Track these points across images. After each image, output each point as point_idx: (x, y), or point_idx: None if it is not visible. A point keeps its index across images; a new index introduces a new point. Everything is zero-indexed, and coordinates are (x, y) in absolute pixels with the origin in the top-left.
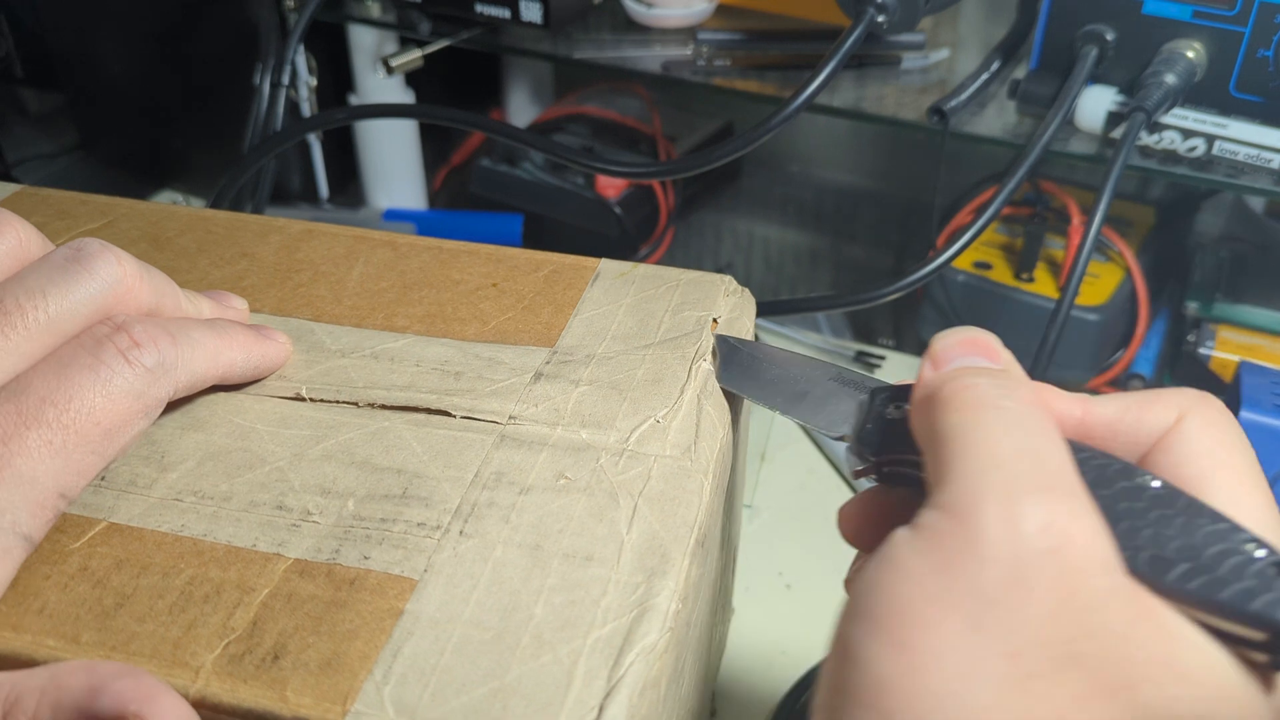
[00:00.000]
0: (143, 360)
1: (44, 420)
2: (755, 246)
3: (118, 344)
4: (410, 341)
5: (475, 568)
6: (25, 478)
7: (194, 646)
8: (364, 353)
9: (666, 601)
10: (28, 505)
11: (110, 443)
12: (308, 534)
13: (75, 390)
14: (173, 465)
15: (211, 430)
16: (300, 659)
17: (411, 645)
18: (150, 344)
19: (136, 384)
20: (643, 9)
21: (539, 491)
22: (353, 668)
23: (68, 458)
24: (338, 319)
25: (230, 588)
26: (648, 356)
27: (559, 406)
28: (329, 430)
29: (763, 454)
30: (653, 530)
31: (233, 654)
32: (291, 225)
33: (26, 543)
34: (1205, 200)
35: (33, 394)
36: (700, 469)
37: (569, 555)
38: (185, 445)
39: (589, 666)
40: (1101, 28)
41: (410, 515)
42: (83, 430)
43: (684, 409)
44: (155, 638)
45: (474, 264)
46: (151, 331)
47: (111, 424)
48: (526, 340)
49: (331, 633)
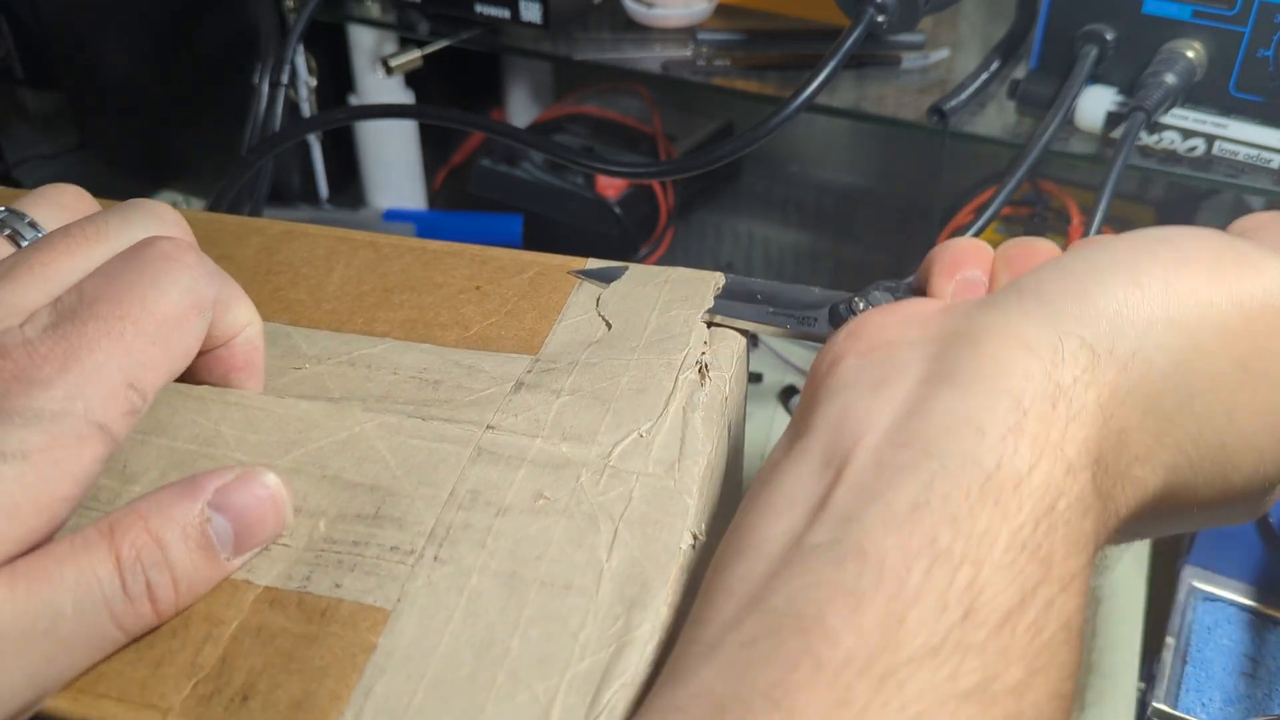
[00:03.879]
0: (183, 258)
1: (98, 314)
2: (755, 246)
3: (159, 248)
4: (389, 347)
5: (449, 598)
6: (88, 367)
7: (162, 687)
8: (340, 359)
9: (648, 634)
10: (97, 394)
11: (169, 335)
12: (278, 558)
13: (126, 286)
14: (136, 476)
15: (174, 435)
16: (270, 699)
17: (383, 684)
18: (190, 249)
19: (182, 278)
20: (643, 9)
21: (516, 513)
22: (323, 709)
23: (128, 347)
24: (316, 323)
25: (198, 619)
26: (633, 362)
27: (539, 417)
28: (297, 436)
29: (762, 454)
30: (633, 557)
31: (201, 694)
32: (272, 226)
33: (103, 432)
34: (1205, 200)
35: (87, 294)
36: (684, 489)
37: (546, 583)
38: (148, 454)
39: (566, 705)
40: (1101, 27)
41: (383, 538)
42: (138, 320)
43: (668, 422)
44: (122, 678)
45: (458, 266)
46: (188, 244)
47: (166, 314)
48: (509, 347)
49: (302, 670)
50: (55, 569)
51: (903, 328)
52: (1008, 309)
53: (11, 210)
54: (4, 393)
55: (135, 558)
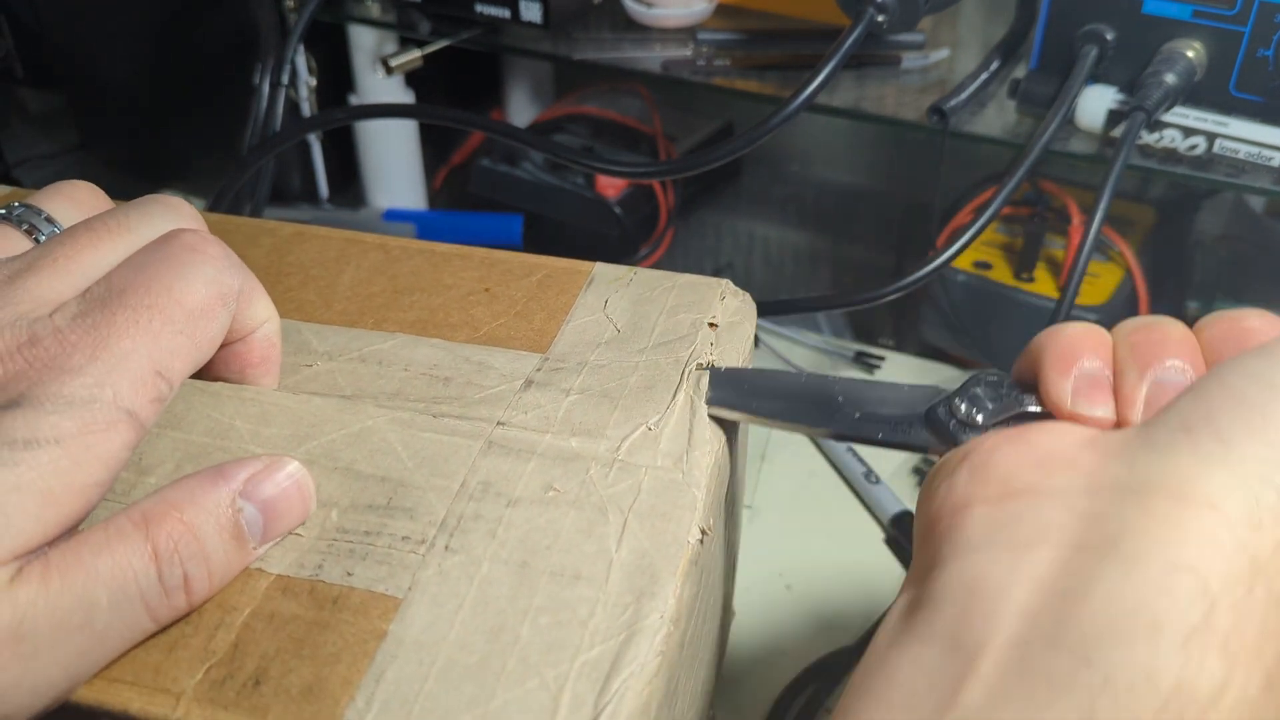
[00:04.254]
0: (208, 250)
1: (126, 303)
2: (755, 246)
3: (184, 240)
4: (399, 343)
5: (460, 586)
6: (117, 354)
7: (175, 672)
8: (351, 355)
9: (656, 624)
10: (127, 381)
11: (195, 325)
12: (290, 547)
13: (153, 276)
14: (151, 468)
15: (189, 428)
16: (282, 684)
17: (394, 670)
18: (214, 241)
19: (207, 269)
20: (643, 9)
21: (527, 504)
22: (334, 694)
23: (155, 335)
24: (327, 322)
25: (211, 606)
26: (641, 363)
27: (549, 414)
28: (311, 430)
29: (763, 454)
30: (643, 548)
31: (214, 679)
32: (283, 228)
33: (131, 419)
34: (1205, 200)
35: (115, 284)
36: (693, 481)
37: (556, 573)
38: (162, 446)
39: (575, 692)
40: (1101, 27)
41: (395, 528)
42: (165, 309)
43: (676, 414)
44: (135, 662)
45: (466, 268)
46: (212, 237)
47: (192, 305)
48: (518, 346)
49: (314, 656)
50: (90, 560)
51: (1043, 470)
52: (1177, 452)
53: (28, 205)
54: (36, 380)
55: (173, 549)
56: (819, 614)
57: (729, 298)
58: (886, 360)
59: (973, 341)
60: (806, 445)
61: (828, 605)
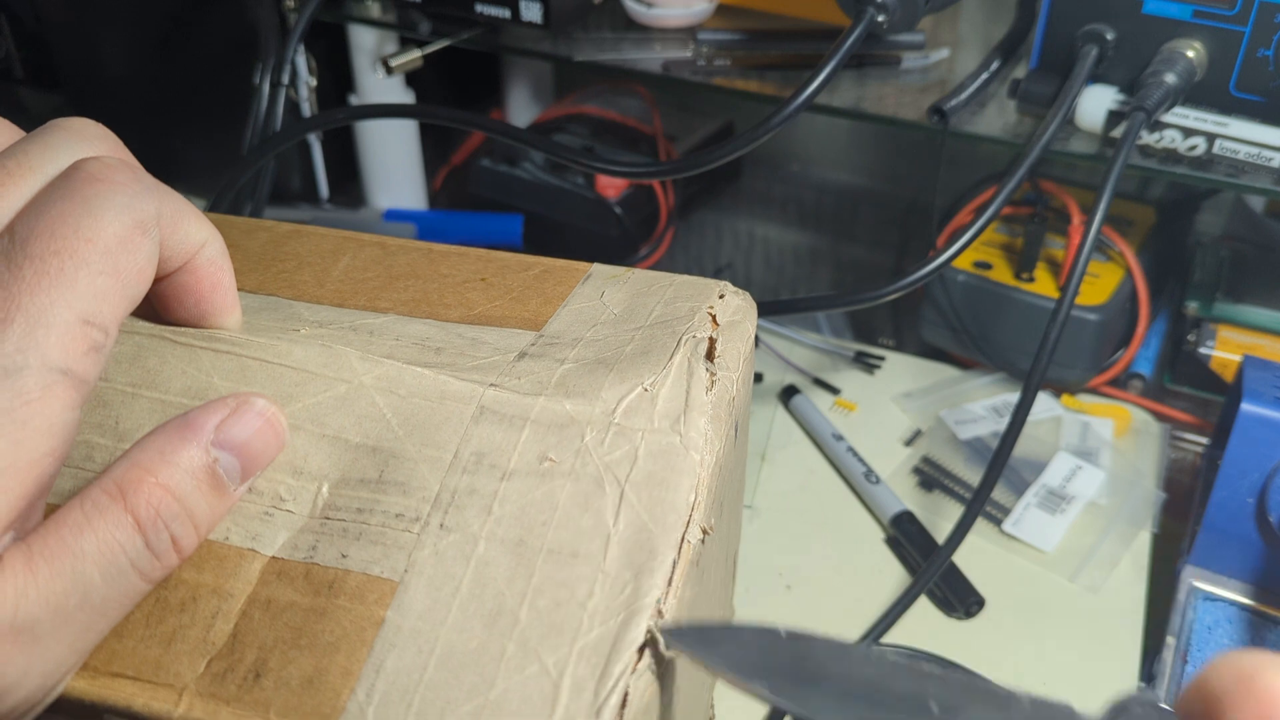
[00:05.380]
0: (114, 177)
1: (31, 253)
2: (755, 246)
3: (87, 170)
4: (392, 319)
5: (457, 568)
6: (33, 312)
7: (176, 666)
8: (342, 325)
9: (656, 603)
10: (51, 339)
11: (115, 261)
12: (281, 525)
13: (57, 217)
14: (129, 433)
15: (165, 388)
16: (282, 676)
17: (394, 659)
18: (121, 165)
19: (116, 198)
20: (643, 9)
21: (521, 476)
22: (335, 686)
23: (72, 281)
24: (319, 300)
25: (206, 593)
26: (637, 336)
27: (543, 380)
28: (294, 389)
29: (763, 454)
30: (641, 522)
31: (215, 672)
32: (279, 226)
33: (68, 377)
34: (1205, 200)
35: (17, 235)
36: (690, 444)
37: (554, 551)
38: (139, 409)
39: (576, 676)
40: (1101, 27)
41: (388, 504)
42: (76, 251)
43: (672, 375)
44: (136, 657)
45: (463, 262)
46: (119, 162)
47: (107, 240)
48: (513, 325)
49: (312, 646)
50: (74, 541)
51: None
52: None
53: None
54: None
55: (155, 516)
56: (819, 614)
57: (729, 296)
58: (886, 360)
59: (973, 341)
60: (807, 445)
61: (828, 605)
